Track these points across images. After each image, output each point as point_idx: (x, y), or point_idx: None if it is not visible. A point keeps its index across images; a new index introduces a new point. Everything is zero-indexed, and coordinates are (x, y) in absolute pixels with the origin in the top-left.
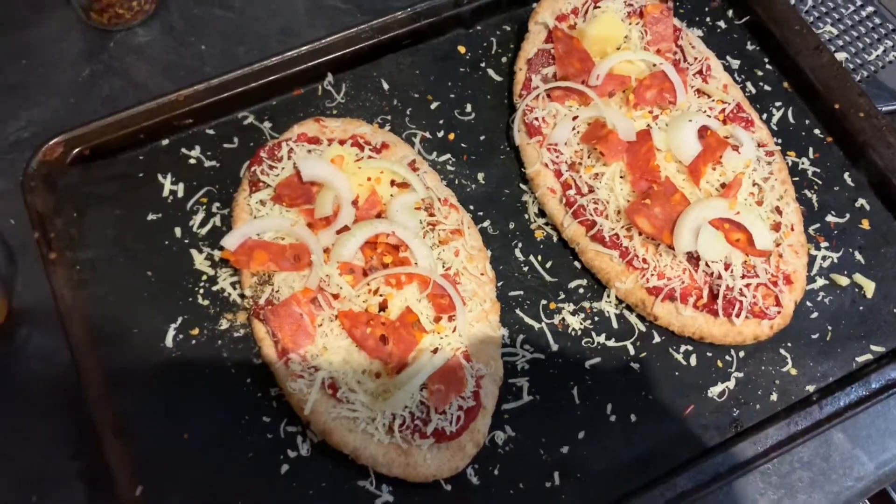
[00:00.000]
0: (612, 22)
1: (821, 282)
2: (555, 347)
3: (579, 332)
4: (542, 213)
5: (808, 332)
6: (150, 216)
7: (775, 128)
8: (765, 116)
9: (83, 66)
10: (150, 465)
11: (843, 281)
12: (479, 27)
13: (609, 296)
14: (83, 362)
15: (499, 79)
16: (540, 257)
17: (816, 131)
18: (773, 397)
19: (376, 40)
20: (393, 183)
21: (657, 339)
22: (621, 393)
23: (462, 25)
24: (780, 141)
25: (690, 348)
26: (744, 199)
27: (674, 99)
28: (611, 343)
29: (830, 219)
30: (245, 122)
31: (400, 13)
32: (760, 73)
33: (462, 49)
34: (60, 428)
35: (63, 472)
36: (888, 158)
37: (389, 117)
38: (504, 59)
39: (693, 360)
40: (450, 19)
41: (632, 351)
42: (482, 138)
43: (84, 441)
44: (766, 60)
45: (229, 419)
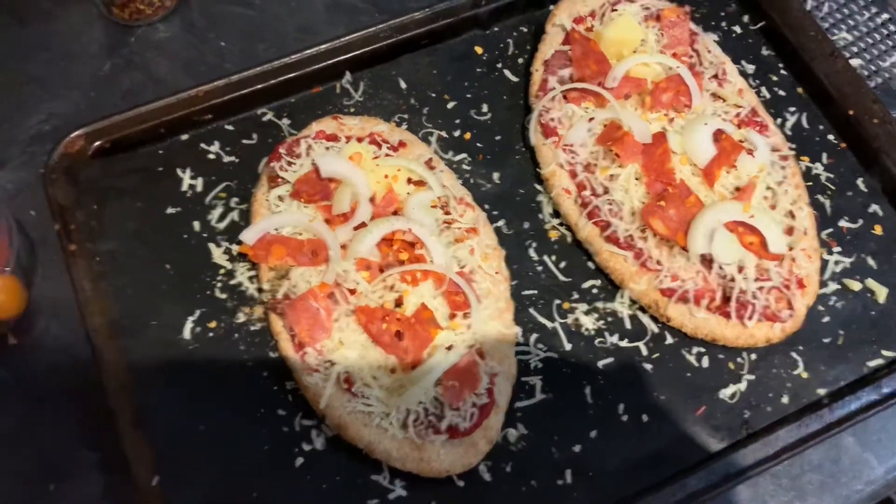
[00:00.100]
0: (630, 25)
1: (833, 286)
2: (568, 347)
3: (592, 332)
4: (556, 213)
5: (819, 336)
6: (170, 210)
7: (789, 133)
8: (779, 121)
9: (104, 61)
10: (167, 455)
11: (856, 286)
12: (496, 28)
13: (622, 296)
14: (102, 353)
15: (515, 80)
16: (554, 257)
17: (830, 137)
18: (785, 400)
19: (394, 39)
20: (410, 181)
21: (670, 340)
22: (633, 393)
23: (479, 26)
24: (794, 146)
25: (703, 350)
26: (757, 202)
27: (689, 102)
28: (624, 343)
29: (843, 224)
30: (264, 119)
31: (418, 13)
32: (775, 79)
33: (479, 50)
34: (78, 418)
35: (81, 462)
36: None
37: (406, 116)
38: (520, 61)
39: (705, 362)
40: (467, 20)
41: (644, 352)
42: (498, 138)
43: (102, 431)
44: (780, 66)
45: (245, 412)
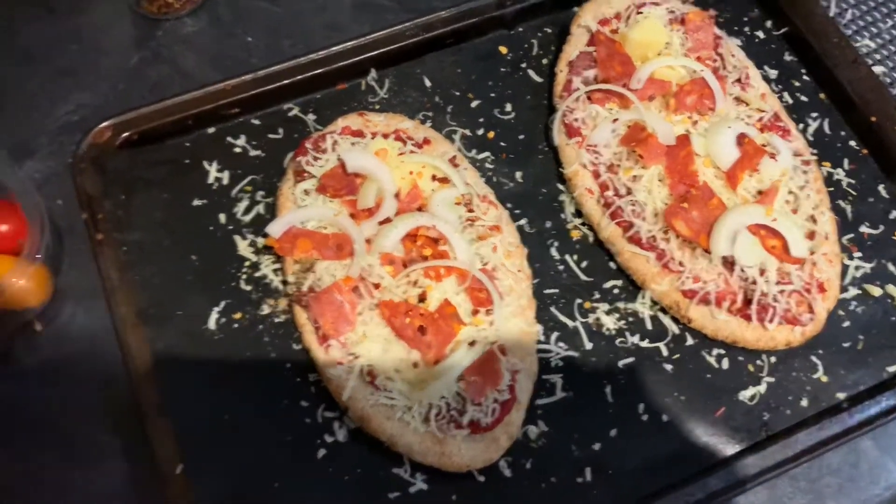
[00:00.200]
0: (655, 27)
1: (853, 291)
2: (589, 346)
3: (613, 332)
4: (578, 213)
5: (839, 341)
6: (196, 202)
7: (811, 138)
8: (801, 126)
9: (132, 53)
10: (191, 444)
11: (876, 291)
12: (520, 29)
13: (644, 297)
14: (127, 342)
15: (539, 80)
16: (576, 256)
17: (852, 143)
18: (804, 403)
19: (420, 38)
20: (434, 178)
21: (690, 341)
22: (653, 393)
23: (504, 27)
24: (815, 151)
25: (723, 352)
26: (780, 206)
27: (713, 105)
28: (644, 344)
29: (864, 230)
30: (290, 114)
31: (444, 12)
32: (798, 84)
33: (503, 49)
34: (103, 406)
35: (105, 450)
36: None
37: (431, 114)
38: (545, 61)
39: (725, 364)
40: (492, 20)
41: (665, 352)
42: (521, 137)
43: (126, 419)
44: (803, 71)
45: (269, 403)
